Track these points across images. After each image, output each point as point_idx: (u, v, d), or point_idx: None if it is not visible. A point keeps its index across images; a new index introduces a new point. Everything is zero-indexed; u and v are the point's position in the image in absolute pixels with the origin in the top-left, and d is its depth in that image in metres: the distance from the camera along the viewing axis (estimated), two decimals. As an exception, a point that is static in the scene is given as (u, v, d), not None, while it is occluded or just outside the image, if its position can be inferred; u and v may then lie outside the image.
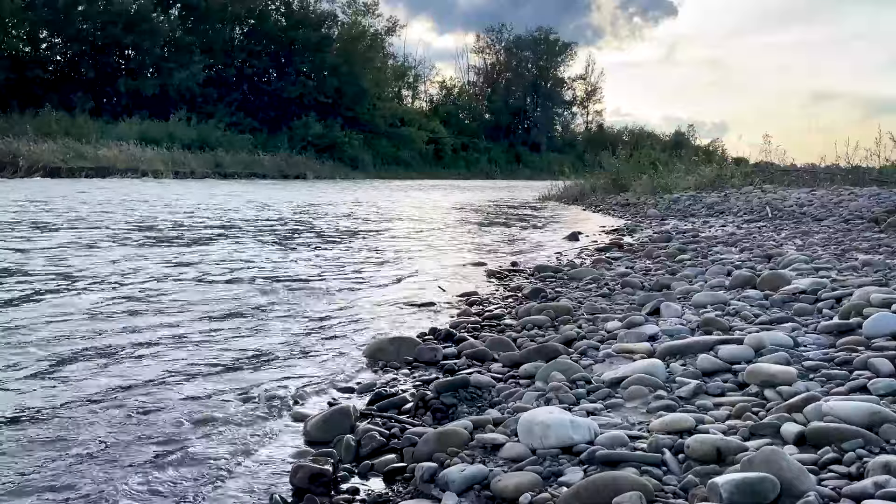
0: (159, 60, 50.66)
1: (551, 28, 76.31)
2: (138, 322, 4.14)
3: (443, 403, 2.68)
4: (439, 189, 32.69)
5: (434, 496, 1.97)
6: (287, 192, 23.99)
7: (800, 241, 7.10)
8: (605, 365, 3.01)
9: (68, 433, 2.46)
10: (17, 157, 30.21)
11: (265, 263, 6.79)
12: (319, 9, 58.47)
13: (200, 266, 6.48)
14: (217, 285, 5.48)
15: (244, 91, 54.03)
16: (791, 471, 1.68)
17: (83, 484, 2.10)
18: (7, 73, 44.33)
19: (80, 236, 8.63)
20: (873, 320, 2.86)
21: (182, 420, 2.63)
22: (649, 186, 18.11)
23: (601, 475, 1.80)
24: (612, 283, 5.01)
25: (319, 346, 3.77)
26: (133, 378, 3.08)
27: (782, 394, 2.34)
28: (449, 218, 14.50)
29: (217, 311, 4.50)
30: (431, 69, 75.95)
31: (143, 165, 34.56)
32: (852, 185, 14.49)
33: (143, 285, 5.37)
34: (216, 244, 8.31)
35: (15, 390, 2.88)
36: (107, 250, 7.39)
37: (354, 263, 7.00)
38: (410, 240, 9.63)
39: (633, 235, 9.66)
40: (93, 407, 2.71)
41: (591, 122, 79.67)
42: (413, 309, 4.77)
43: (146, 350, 3.55)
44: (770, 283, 4.20)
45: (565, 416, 2.17)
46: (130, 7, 50.50)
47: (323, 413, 2.61)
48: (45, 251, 7.14)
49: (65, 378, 3.05)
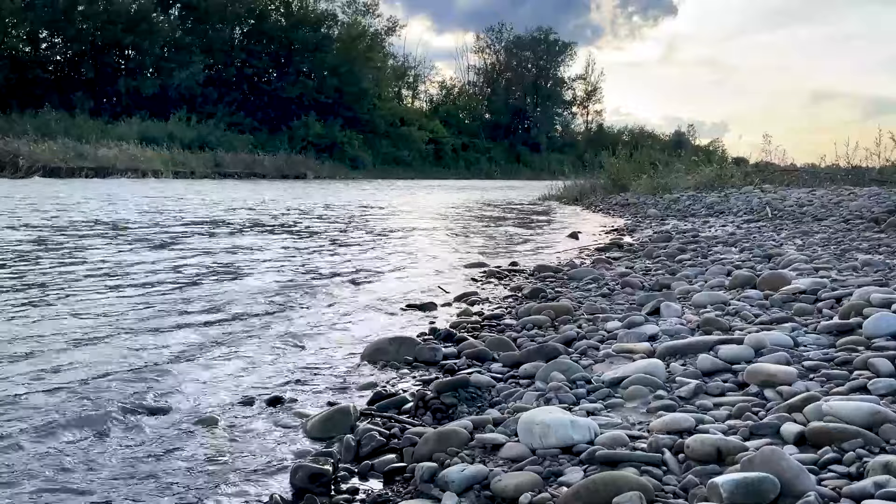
0: (159, 60, 50.75)
1: (551, 28, 76.40)
2: (138, 322, 4.14)
3: (443, 403, 2.68)
4: (439, 189, 32.69)
5: (434, 496, 1.97)
6: (287, 192, 23.99)
7: (800, 241, 7.09)
8: (605, 365, 3.01)
9: (68, 432, 2.46)
10: (17, 157, 30.23)
11: (264, 263, 6.79)
12: (319, 9, 58.58)
13: (199, 266, 6.48)
14: (216, 285, 5.48)
15: (244, 91, 54.07)
16: (791, 471, 1.68)
17: (83, 483, 2.10)
18: (7, 73, 44.38)
19: (80, 237, 8.63)
20: (873, 320, 2.86)
21: (182, 420, 2.63)
22: (649, 186, 18.09)
23: (601, 475, 1.80)
24: (612, 283, 5.01)
25: (319, 345, 3.77)
26: (133, 378, 3.08)
27: (782, 394, 2.34)
28: (449, 218, 14.50)
29: (216, 311, 4.50)
30: (431, 69, 76.01)
31: (143, 165, 34.62)
32: (852, 185, 14.48)
33: (143, 285, 5.37)
34: (215, 244, 8.31)
35: (16, 389, 2.88)
36: (104, 249, 7.40)
37: (354, 263, 7.00)
38: (410, 240, 9.63)
39: (633, 235, 9.66)
40: (92, 407, 2.71)
41: (590, 121, 79.76)
42: (413, 309, 4.77)
43: (146, 350, 3.55)
44: (770, 283, 4.20)
45: (565, 416, 2.17)
46: (130, 7, 50.59)
47: (323, 413, 2.61)
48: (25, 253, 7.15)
49: (60, 376, 3.05)
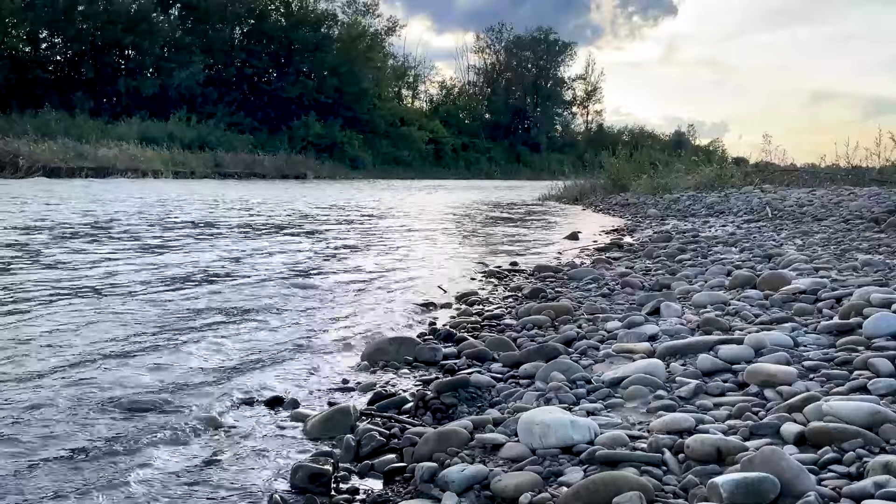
0: (159, 60, 50.74)
1: (551, 28, 76.40)
2: (137, 322, 4.14)
3: (443, 403, 2.68)
4: (439, 189, 32.68)
5: (434, 496, 1.97)
6: (287, 192, 23.98)
7: (800, 241, 7.09)
8: (605, 365, 3.01)
9: (67, 431, 2.46)
10: (17, 157, 30.20)
11: (264, 263, 6.79)
12: (319, 9, 58.58)
13: (199, 266, 6.48)
14: (216, 285, 5.48)
15: (244, 91, 54.07)
16: (791, 471, 1.68)
17: (83, 483, 2.10)
18: (7, 73, 44.37)
19: (77, 235, 8.63)
20: (873, 320, 2.86)
21: (182, 420, 2.63)
22: (649, 186, 18.10)
23: (601, 475, 1.80)
24: (612, 283, 5.01)
25: (319, 345, 3.77)
26: (132, 378, 3.08)
27: (782, 394, 2.34)
28: (449, 218, 14.50)
29: (216, 312, 4.50)
30: (431, 69, 76.04)
31: (143, 165, 34.61)
32: (852, 185, 14.48)
33: (143, 286, 5.37)
34: (214, 244, 8.30)
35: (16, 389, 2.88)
36: (103, 250, 7.39)
37: (354, 263, 7.00)
38: (410, 240, 9.63)
39: (633, 235, 9.66)
40: (91, 406, 2.71)
41: (590, 122, 79.75)
42: (413, 309, 4.77)
43: (146, 350, 3.55)
44: (770, 283, 4.20)
45: (565, 416, 2.17)
46: (130, 7, 50.58)
47: (323, 413, 2.61)
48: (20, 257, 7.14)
49: (62, 378, 3.05)
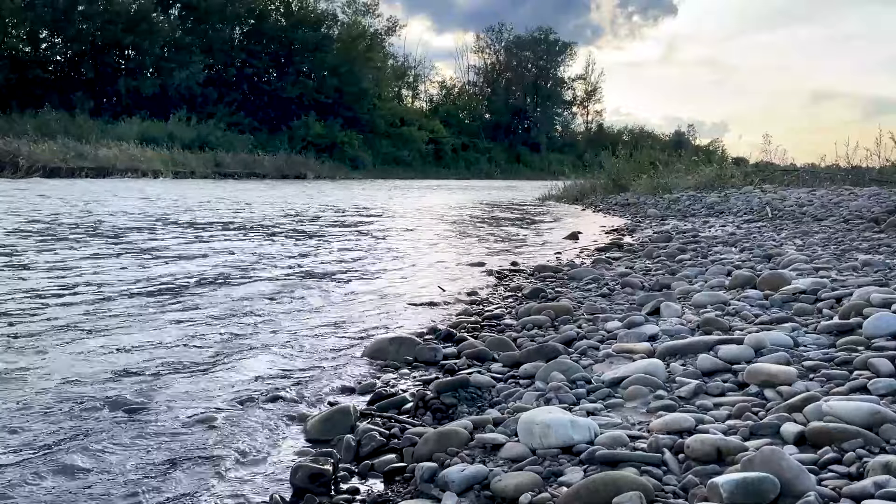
0: (159, 60, 50.75)
1: (551, 28, 76.48)
2: (137, 321, 4.14)
3: (443, 403, 2.68)
4: (439, 189, 32.68)
5: (434, 496, 1.96)
6: (286, 193, 23.98)
7: (800, 241, 7.09)
8: (605, 365, 3.01)
9: (66, 431, 2.46)
10: (17, 157, 30.19)
11: (264, 263, 6.79)
12: (319, 9, 58.60)
13: (200, 265, 6.48)
14: (216, 285, 5.48)
15: (244, 91, 54.08)
16: (791, 471, 1.68)
17: (82, 483, 2.10)
18: (7, 73, 44.37)
19: (77, 235, 8.63)
20: (873, 320, 2.86)
21: (182, 419, 2.62)
22: (649, 186, 18.10)
23: (601, 475, 1.80)
24: (612, 283, 5.01)
25: (319, 345, 3.77)
26: (132, 378, 3.08)
27: (782, 394, 2.34)
28: (449, 218, 14.50)
29: (216, 311, 4.50)
30: (431, 69, 76.13)
31: (143, 165, 34.62)
32: (852, 185, 14.48)
33: (141, 283, 5.37)
34: (213, 244, 8.31)
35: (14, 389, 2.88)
36: (104, 249, 7.40)
37: (354, 263, 7.00)
38: (410, 240, 9.63)
39: (633, 235, 9.66)
40: (91, 405, 2.71)
41: (590, 121, 79.86)
42: (413, 309, 4.77)
43: (146, 349, 3.55)
44: (770, 283, 4.20)
45: (565, 416, 2.17)
46: (130, 7, 50.59)
47: (323, 413, 2.62)
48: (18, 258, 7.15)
49: (56, 375, 3.05)
